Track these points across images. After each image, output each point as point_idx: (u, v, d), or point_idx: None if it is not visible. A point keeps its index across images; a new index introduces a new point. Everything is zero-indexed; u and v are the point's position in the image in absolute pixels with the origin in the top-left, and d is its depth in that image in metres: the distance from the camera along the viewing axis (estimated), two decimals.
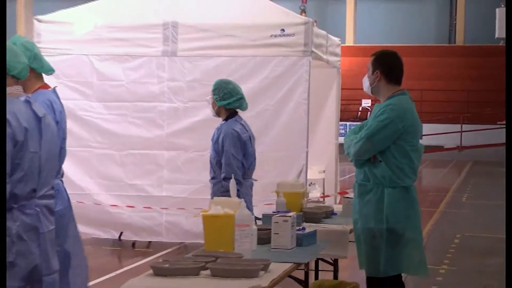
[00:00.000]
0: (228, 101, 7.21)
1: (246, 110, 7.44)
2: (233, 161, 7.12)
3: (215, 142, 7.23)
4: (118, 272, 9.64)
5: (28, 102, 4.30)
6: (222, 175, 7.09)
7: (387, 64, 5.72)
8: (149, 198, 10.75)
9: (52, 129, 4.38)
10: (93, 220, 10.75)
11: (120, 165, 10.84)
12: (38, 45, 10.76)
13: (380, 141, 5.54)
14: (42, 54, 10.92)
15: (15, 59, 4.46)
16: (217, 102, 7.24)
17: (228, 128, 7.21)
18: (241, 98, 7.29)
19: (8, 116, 4.07)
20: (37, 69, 5.50)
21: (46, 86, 5.55)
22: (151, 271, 4.38)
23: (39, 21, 11.06)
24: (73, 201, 10.62)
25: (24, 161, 4.11)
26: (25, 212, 4.15)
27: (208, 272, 4.32)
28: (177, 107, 10.70)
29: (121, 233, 10.91)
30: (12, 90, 4.37)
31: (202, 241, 7.29)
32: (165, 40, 10.64)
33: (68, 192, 10.59)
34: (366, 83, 5.77)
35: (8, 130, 4.04)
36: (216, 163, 7.20)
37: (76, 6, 11.53)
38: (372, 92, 5.78)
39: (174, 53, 10.66)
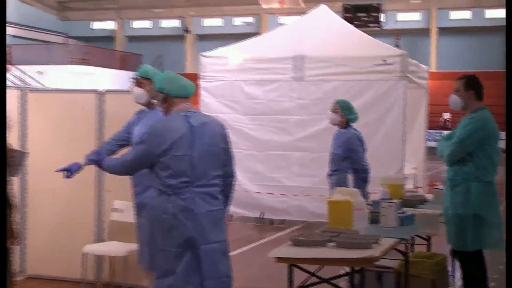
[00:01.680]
0: (351, 116, 7.23)
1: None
2: (361, 158, 7.15)
3: (342, 144, 7.16)
4: (260, 242, 9.67)
5: (186, 116, 4.36)
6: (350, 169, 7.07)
7: (478, 85, 5.57)
8: (283, 187, 10.81)
9: (208, 134, 4.35)
10: (242, 203, 10.88)
11: (262, 162, 10.92)
12: (203, 74, 11.20)
13: (468, 146, 5.40)
14: (205, 81, 11.31)
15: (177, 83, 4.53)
16: (345, 116, 7.22)
17: (352, 134, 7.20)
18: (356, 114, 7.31)
19: (158, 129, 4.27)
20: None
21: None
22: (290, 242, 4.36)
23: (204, 56, 11.29)
24: None
25: (171, 162, 4.21)
26: (180, 197, 4.22)
27: (333, 244, 4.28)
28: (304, 119, 10.70)
29: (262, 213, 10.98)
30: (177, 108, 4.41)
31: (323, 220, 7.27)
32: (295, 69, 10.66)
33: None
34: (456, 100, 5.58)
35: (152, 142, 4.24)
36: (343, 160, 7.13)
37: (229, 45, 11.76)
38: (462, 108, 5.60)
39: (302, 78, 10.65)
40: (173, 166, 4.20)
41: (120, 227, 6.43)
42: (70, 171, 5.48)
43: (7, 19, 23.55)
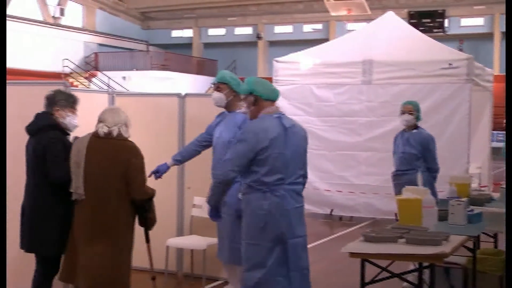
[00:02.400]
0: (420, 117, 7.05)
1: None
2: (435, 157, 6.98)
3: (417, 144, 6.93)
4: (329, 237, 9.61)
5: (279, 117, 4.37)
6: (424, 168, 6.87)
7: None
8: (352, 185, 10.73)
9: (298, 136, 4.42)
10: (312, 200, 10.85)
11: (331, 161, 10.86)
12: (276, 78, 11.21)
13: None
14: (278, 84, 11.37)
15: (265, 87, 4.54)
16: (417, 117, 7.03)
17: (428, 134, 7.00)
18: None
19: (255, 129, 4.28)
20: (239, 92, 5.49)
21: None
22: (362, 238, 4.31)
23: (277, 61, 11.34)
24: None
25: (269, 159, 4.23)
26: (275, 194, 4.25)
27: (403, 240, 4.20)
28: (372, 120, 10.59)
29: (332, 210, 10.91)
30: (268, 110, 4.43)
31: (390, 217, 7.14)
32: (364, 72, 10.57)
33: None
34: None
35: (253, 140, 4.24)
36: (417, 160, 6.92)
37: (299, 50, 11.77)
38: None
39: (370, 82, 10.55)
40: (270, 164, 4.24)
41: (200, 222, 6.50)
42: (159, 171, 5.60)
43: (96, 29, 24.01)
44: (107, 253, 4.64)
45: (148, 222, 4.89)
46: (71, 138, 5.01)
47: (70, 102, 4.99)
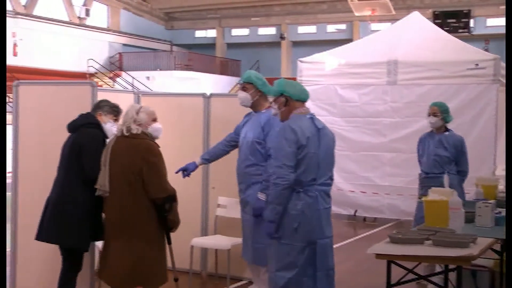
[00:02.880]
0: (449, 118, 6.88)
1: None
2: (467, 160, 6.82)
3: (450, 146, 6.79)
4: (354, 238, 9.58)
5: (311, 118, 4.42)
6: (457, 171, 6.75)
7: None
8: (376, 186, 10.69)
9: (328, 137, 4.47)
10: (336, 201, 10.68)
11: (355, 162, 10.83)
12: (300, 78, 11.20)
13: None
14: (303, 84, 11.32)
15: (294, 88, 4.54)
16: (444, 118, 6.86)
17: (461, 137, 6.85)
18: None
19: (295, 127, 4.28)
20: (265, 92, 5.49)
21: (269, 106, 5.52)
22: (388, 239, 4.28)
23: (301, 61, 11.34)
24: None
25: (305, 158, 4.26)
26: (308, 194, 4.31)
27: (430, 242, 4.16)
28: (396, 121, 10.53)
29: (355, 211, 10.88)
30: (300, 110, 4.45)
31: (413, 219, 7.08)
32: (388, 73, 10.52)
33: None
34: None
35: (293, 137, 4.21)
36: (449, 163, 6.77)
37: (322, 51, 11.77)
38: None
39: (395, 82, 10.49)
40: (306, 163, 4.28)
41: (224, 221, 6.51)
42: (187, 170, 5.65)
43: (120, 30, 24.11)
44: (126, 250, 4.72)
45: (169, 223, 4.90)
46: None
47: (114, 110, 5.15)
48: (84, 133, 4.95)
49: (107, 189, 4.76)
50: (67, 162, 4.98)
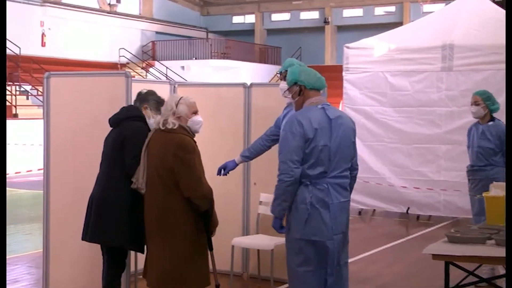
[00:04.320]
0: (494, 106, 6.82)
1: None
2: None
3: (494, 137, 6.76)
4: (406, 238, 9.49)
5: (323, 108, 4.46)
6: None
7: None
8: (430, 182, 10.59)
9: (345, 126, 4.46)
10: (386, 197, 10.86)
11: (407, 155, 10.75)
12: (346, 65, 11.17)
13: None
14: (348, 72, 11.31)
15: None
16: (489, 107, 6.81)
17: (505, 127, 6.78)
18: (499, 104, 6.89)
19: (301, 119, 4.36)
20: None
21: None
22: (445, 239, 4.24)
23: (348, 47, 11.29)
24: (372, 182, 10.85)
25: (313, 152, 4.33)
26: (317, 187, 4.35)
27: (493, 241, 4.11)
28: (452, 110, 10.40)
29: (408, 208, 10.80)
30: (312, 100, 4.48)
31: (472, 217, 6.99)
32: (443, 58, 10.40)
33: (368, 176, 10.77)
34: None
35: (299, 130, 4.32)
36: (495, 154, 6.75)
37: (369, 35, 11.68)
38: None
39: (450, 68, 10.36)
40: (315, 157, 4.34)
41: (267, 220, 6.49)
42: (225, 168, 5.69)
43: (153, 17, 24.23)
44: (161, 251, 4.76)
45: (208, 226, 4.87)
46: None
47: (160, 105, 5.15)
48: (128, 126, 5.01)
49: (141, 185, 4.80)
50: (109, 157, 5.04)
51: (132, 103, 5.33)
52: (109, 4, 29.87)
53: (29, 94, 22.49)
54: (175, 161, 4.65)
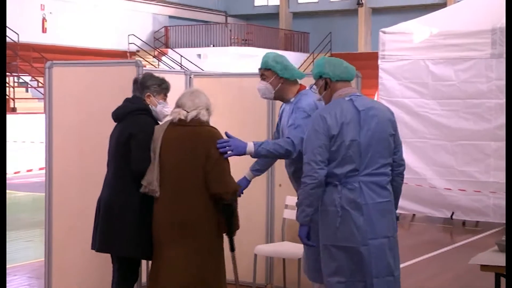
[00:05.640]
0: None
1: None
2: None
3: None
4: (450, 246, 9.46)
5: (351, 100, 4.49)
6: None
7: None
8: (477, 183, 10.56)
9: (378, 118, 4.47)
10: (427, 201, 10.86)
11: (452, 154, 10.73)
12: (382, 53, 11.16)
13: None
14: (385, 60, 11.26)
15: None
16: None
17: None
18: None
19: (326, 115, 4.40)
20: (289, 78, 5.26)
21: (303, 87, 5.42)
22: (495, 247, 4.23)
23: (384, 32, 11.30)
24: (411, 184, 10.82)
25: (340, 149, 4.36)
26: (347, 187, 4.37)
27: None
28: (503, 103, 10.31)
29: (452, 213, 10.77)
30: (340, 93, 4.52)
31: None
32: (493, 44, 10.37)
33: (407, 176, 10.67)
34: None
35: (323, 126, 4.37)
36: None
37: (409, 19, 11.64)
38: None
39: (501, 55, 10.29)
40: (341, 153, 4.37)
41: (294, 225, 6.49)
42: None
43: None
44: (183, 259, 4.79)
45: (233, 227, 4.96)
46: None
47: (164, 88, 5.20)
48: (133, 121, 5.02)
49: (155, 188, 4.82)
50: (115, 156, 5.07)
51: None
52: None
53: (29, 86, 22.69)
54: (208, 156, 4.75)
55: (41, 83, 20.18)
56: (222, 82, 7.09)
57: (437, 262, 8.45)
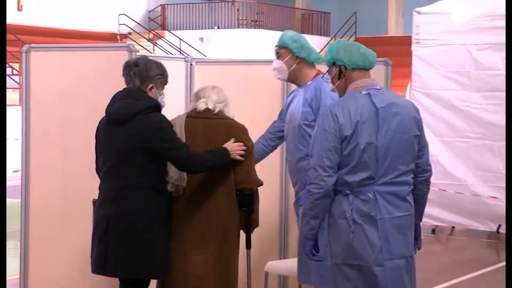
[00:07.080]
0: None
1: None
2: None
3: None
4: (496, 266, 9.42)
5: (368, 94, 4.46)
6: None
7: None
8: None
9: (399, 118, 4.43)
10: (470, 211, 10.81)
11: (498, 156, 10.66)
12: (417, 36, 11.15)
13: None
14: (420, 46, 11.24)
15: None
16: None
17: None
18: None
19: (337, 112, 4.39)
20: (305, 58, 5.57)
21: (320, 72, 5.53)
22: None
23: (418, 13, 11.31)
24: (450, 191, 10.79)
25: (354, 153, 4.34)
26: (360, 198, 4.36)
27: None
28: None
29: (499, 226, 10.75)
30: (357, 84, 4.54)
31: None
32: None
33: (445, 182, 10.74)
34: None
35: (334, 126, 4.36)
36: None
37: None
38: None
39: None
40: (354, 159, 4.35)
41: None
42: None
43: None
44: (218, 259, 5.15)
45: (252, 223, 5.38)
46: None
47: (166, 77, 5.27)
48: (148, 124, 4.99)
49: (184, 183, 5.14)
50: (122, 166, 5.02)
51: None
52: None
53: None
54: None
55: (16, 70, 20.22)
56: (228, 70, 7.09)
57: (480, 283, 8.47)
